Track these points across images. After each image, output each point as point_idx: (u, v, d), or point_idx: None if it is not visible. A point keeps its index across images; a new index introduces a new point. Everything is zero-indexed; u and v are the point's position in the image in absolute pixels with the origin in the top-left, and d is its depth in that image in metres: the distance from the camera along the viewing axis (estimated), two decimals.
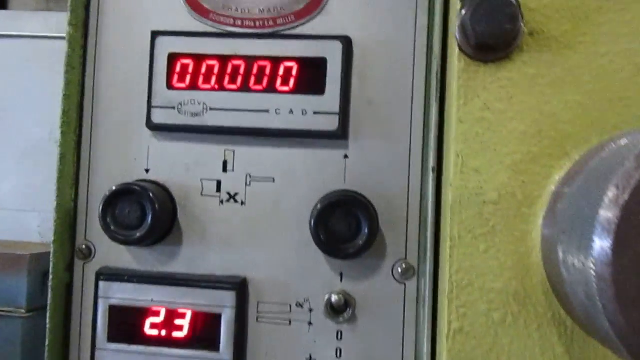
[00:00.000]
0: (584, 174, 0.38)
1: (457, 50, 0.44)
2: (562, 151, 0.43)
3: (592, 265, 0.33)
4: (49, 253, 0.53)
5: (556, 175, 0.43)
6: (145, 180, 0.54)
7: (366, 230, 0.48)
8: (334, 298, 0.50)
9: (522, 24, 0.43)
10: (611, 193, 0.33)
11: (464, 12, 0.43)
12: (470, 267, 0.43)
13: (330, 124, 0.52)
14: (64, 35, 0.55)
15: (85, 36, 0.55)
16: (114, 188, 0.51)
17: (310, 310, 0.52)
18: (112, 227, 0.50)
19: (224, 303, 0.51)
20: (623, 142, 0.38)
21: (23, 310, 1.91)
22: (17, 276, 1.86)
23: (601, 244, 0.33)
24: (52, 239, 0.53)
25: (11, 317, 1.86)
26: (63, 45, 0.54)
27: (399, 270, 0.52)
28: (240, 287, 0.52)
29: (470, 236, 0.44)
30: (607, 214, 0.33)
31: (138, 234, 0.50)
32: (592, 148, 0.41)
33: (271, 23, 0.54)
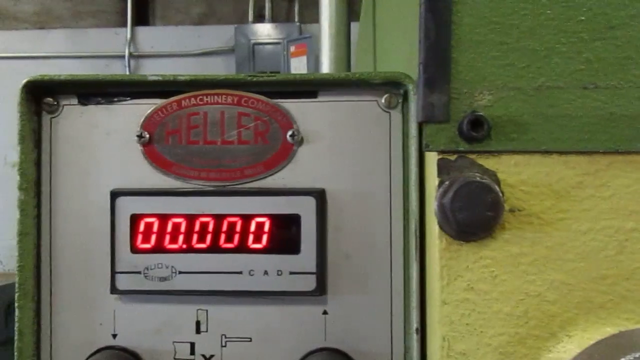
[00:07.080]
0: None
1: (437, 229, 0.42)
2: (549, 332, 0.42)
3: None
4: (11, 284, 0.49)
5: (543, 357, 0.42)
6: (112, 347, 0.51)
7: None
8: None
9: (503, 206, 0.41)
10: None
11: (442, 193, 0.41)
12: None
13: (308, 284, 0.49)
14: (8, 55, 0.51)
15: (38, 196, 0.51)
16: None
17: None
18: None
19: None
20: None
21: None
22: None
23: None
24: None
25: None
26: (7, 66, 0.50)
27: None
28: None
29: None
30: None
31: None
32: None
33: (239, 174, 0.51)
